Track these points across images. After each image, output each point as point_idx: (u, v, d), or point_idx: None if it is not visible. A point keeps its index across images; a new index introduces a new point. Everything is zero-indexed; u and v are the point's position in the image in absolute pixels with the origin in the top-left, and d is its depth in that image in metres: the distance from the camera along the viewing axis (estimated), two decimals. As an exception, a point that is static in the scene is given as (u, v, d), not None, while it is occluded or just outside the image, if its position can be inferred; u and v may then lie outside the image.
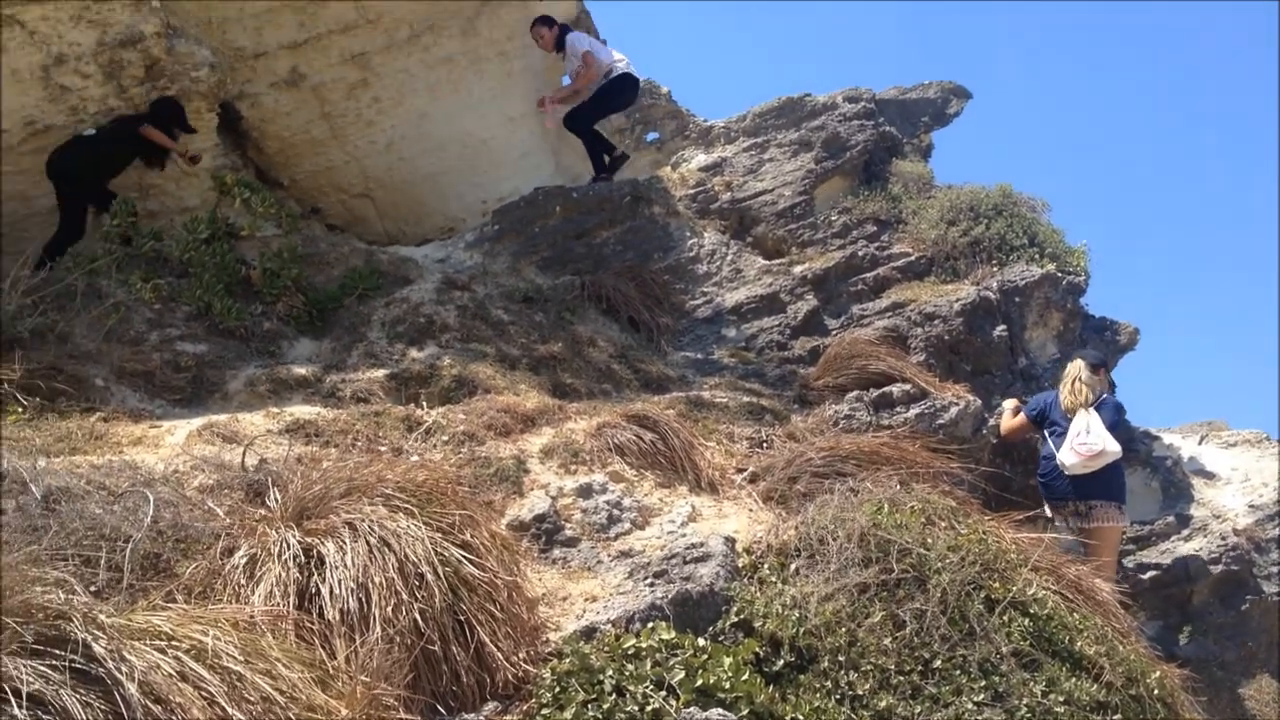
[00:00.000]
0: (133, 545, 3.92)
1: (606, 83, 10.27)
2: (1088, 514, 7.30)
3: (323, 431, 5.84)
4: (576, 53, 10.12)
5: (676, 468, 6.07)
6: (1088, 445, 7.23)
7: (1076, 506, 7.36)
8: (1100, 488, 7.29)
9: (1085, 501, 7.30)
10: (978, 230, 9.83)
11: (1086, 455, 7.21)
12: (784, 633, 4.43)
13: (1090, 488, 7.29)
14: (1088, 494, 7.29)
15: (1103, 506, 7.27)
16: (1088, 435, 7.27)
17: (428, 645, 3.89)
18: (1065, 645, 4.81)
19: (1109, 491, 7.31)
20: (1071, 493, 7.33)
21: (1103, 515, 7.26)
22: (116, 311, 6.84)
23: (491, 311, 8.18)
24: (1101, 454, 7.21)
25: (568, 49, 10.16)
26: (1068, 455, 7.30)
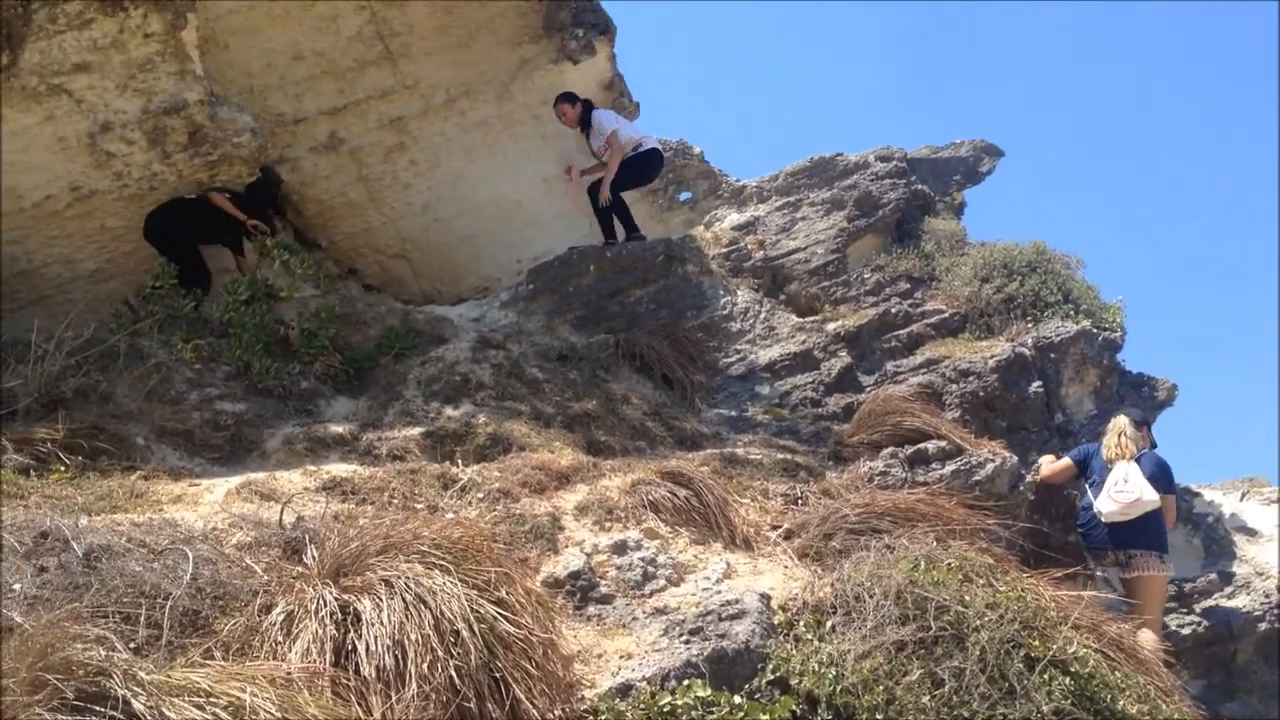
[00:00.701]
0: (172, 602, 3.95)
1: (634, 156, 10.29)
2: (1128, 563, 7.31)
3: (359, 489, 5.88)
4: (603, 131, 10.15)
5: (711, 524, 6.05)
6: (1125, 493, 7.29)
7: (1116, 556, 7.37)
8: (1139, 537, 7.31)
9: (1125, 551, 7.31)
10: (1012, 287, 9.83)
11: (1124, 504, 7.27)
12: (821, 690, 4.39)
13: (1129, 537, 7.31)
14: (1126, 543, 7.31)
15: (1143, 556, 7.27)
16: (1125, 484, 7.33)
17: (463, 702, 3.88)
18: (1107, 704, 4.72)
19: (1149, 540, 7.32)
20: (1110, 542, 7.35)
21: (1143, 564, 7.26)
22: (157, 371, 6.95)
23: (526, 370, 8.24)
24: (1138, 502, 7.26)
25: (594, 126, 10.19)
26: (1105, 503, 7.36)
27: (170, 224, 8.70)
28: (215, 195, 8.80)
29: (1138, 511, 7.32)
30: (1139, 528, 7.35)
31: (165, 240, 8.69)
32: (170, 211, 8.68)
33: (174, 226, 8.73)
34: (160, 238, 8.69)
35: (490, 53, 9.88)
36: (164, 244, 8.68)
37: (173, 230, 8.73)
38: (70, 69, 7.64)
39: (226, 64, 8.89)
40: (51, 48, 7.51)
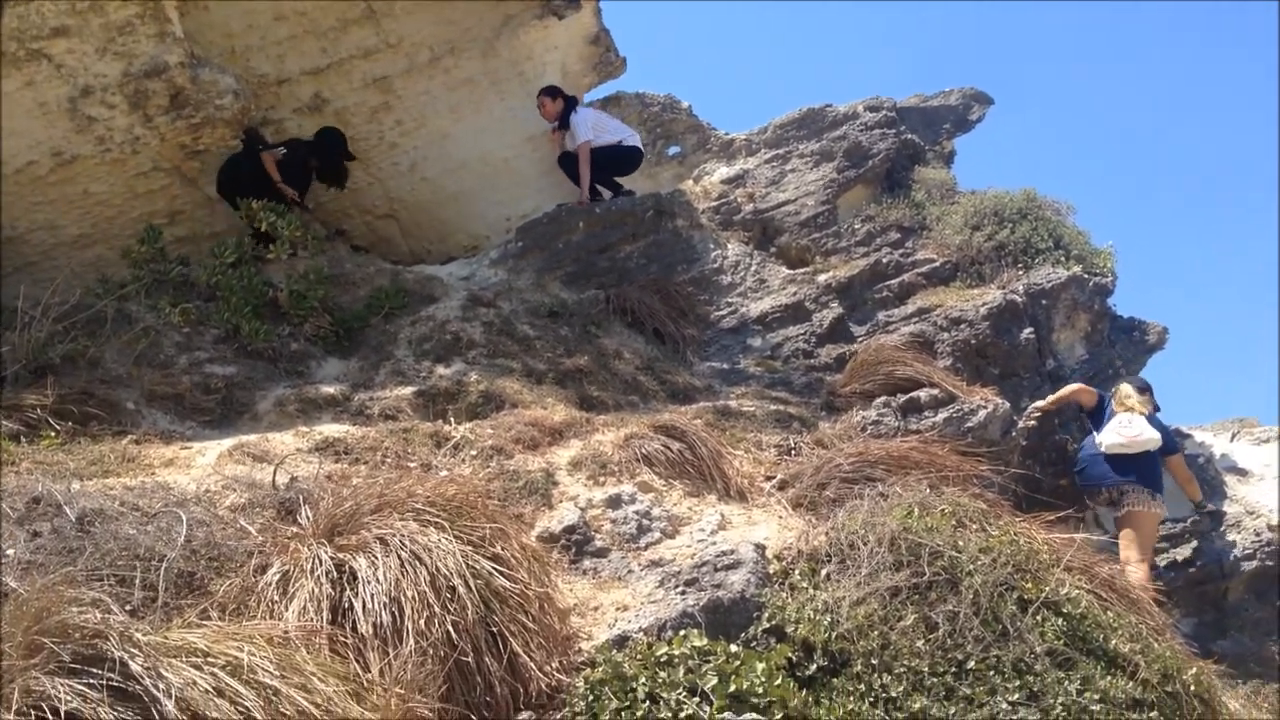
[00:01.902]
0: (167, 564, 3.96)
1: (614, 148, 10.28)
2: (1120, 499, 7.52)
3: (352, 449, 5.89)
4: (575, 139, 10.07)
5: (705, 477, 6.07)
6: (1129, 429, 7.62)
7: (1110, 494, 7.59)
8: (1136, 471, 7.56)
9: (1118, 486, 7.54)
10: (1002, 234, 9.80)
11: (1128, 437, 7.58)
12: (816, 637, 4.42)
13: (1124, 469, 7.58)
14: (1123, 473, 7.58)
15: (1135, 491, 7.50)
16: (1130, 424, 7.66)
17: (461, 657, 3.90)
18: (1100, 644, 4.77)
19: (1143, 477, 7.56)
20: (1106, 476, 7.61)
21: (1135, 499, 7.48)
22: (146, 336, 6.93)
23: (517, 327, 8.22)
24: (1140, 438, 7.57)
25: (572, 128, 10.10)
26: (1109, 436, 7.67)
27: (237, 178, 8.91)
28: (265, 154, 9.06)
29: (1138, 448, 7.57)
30: (1137, 463, 7.59)
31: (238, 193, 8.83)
32: (232, 167, 8.91)
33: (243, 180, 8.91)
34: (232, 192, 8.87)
35: (474, 9, 9.77)
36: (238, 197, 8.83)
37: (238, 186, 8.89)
38: (49, 33, 7.56)
39: (207, 25, 8.78)
40: (30, 12, 7.42)
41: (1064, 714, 4.31)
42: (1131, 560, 7.37)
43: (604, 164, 10.27)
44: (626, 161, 10.46)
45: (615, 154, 10.30)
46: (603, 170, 10.31)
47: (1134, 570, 7.25)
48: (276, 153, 9.19)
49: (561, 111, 10.11)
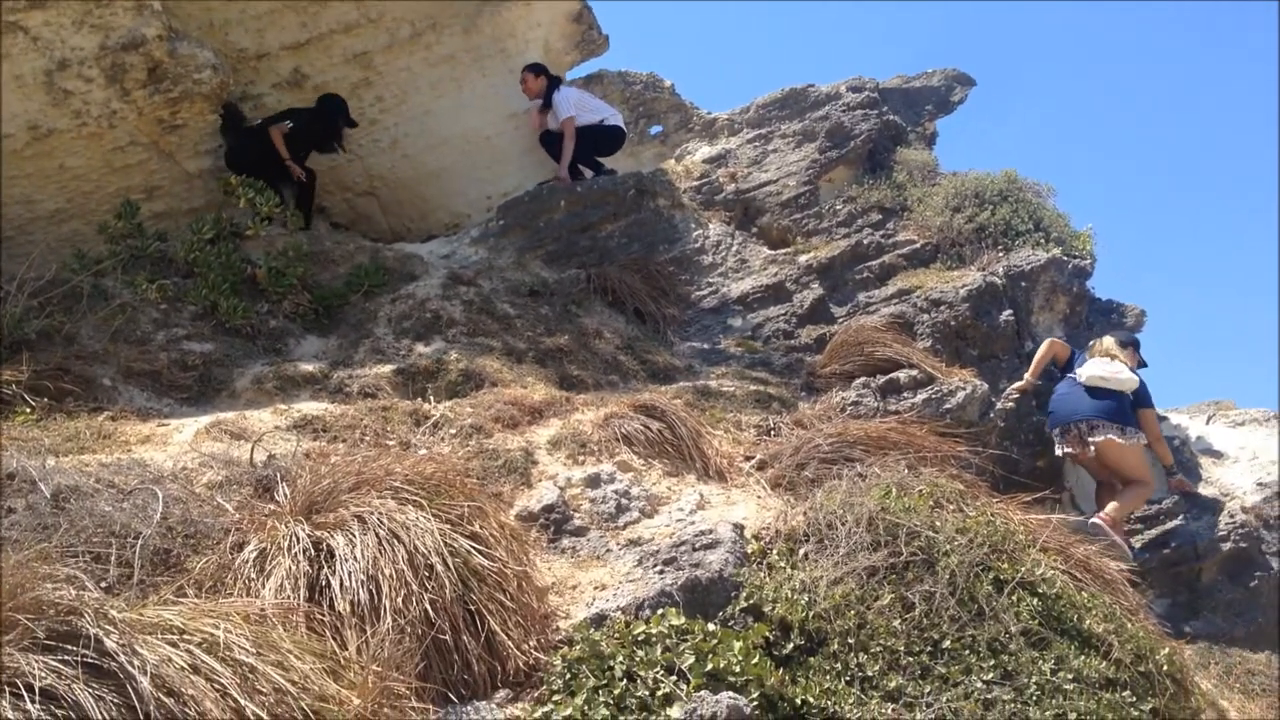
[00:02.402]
0: (142, 541, 3.94)
1: (595, 128, 10.24)
2: (1091, 433, 7.61)
3: (330, 427, 5.87)
4: (558, 117, 10.05)
5: (684, 456, 6.08)
6: (1110, 366, 7.74)
7: (1078, 430, 7.65)
8: (1106, 406, 7.66)
9: (1087, 421, 7.62)
10: (983, 216, 9.81)
11: (1107, 372, 7.70)
12: (793, 616, 4.44)
13: (1095, 407, 7.66)
14: (1091, 413, 7.64)
15: (1104, 424, 7.58)
16: (1111, 363, 7.79)
17: (438, 635, 3.90)
18: (1074, 623, 4.81)
19: (1113, 414, 7.64)
20: (1076, 411, 7.69)
21: (1104, 432, 7.57)
22: (122, 312, 6.88)
23: (497, 306, 8.20)
24: (1120, 375, 7.69)
25: (554, 107, 10.07)
26: (1088, 368, 7.77)
27: (242, 155, 9.08)
28: (273, 129, 9.11)
29: (1115, 385, 7.69)
30: (1107, 401, 7.67)
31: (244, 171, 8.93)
32: (237, 143, 9.05)
33: (244, 158, 9.07)
34: (235, 171, 8.93)
35: (455, -16, 9.71)
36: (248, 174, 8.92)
37: (245, 163, 9.02)
38: (25, 5, 7.47)
39: (185, -2, 8.70)
40: (5, -17, 7.34)
41: (1038, 693, 4.34)
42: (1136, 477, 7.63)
43: (586, 143, 10.24)
44: (609, 141, 10.43)
45: (598, 133, 10.27)
46: (585, 149, 10.28)
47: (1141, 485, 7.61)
48: (284, 126, 9.17)
49: (544, 89, 10.07)
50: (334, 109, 9.51)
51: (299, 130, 9.27)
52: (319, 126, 9.48)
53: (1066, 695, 4.37)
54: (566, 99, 10.06)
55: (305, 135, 9.37)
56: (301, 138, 9.34)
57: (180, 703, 3.02)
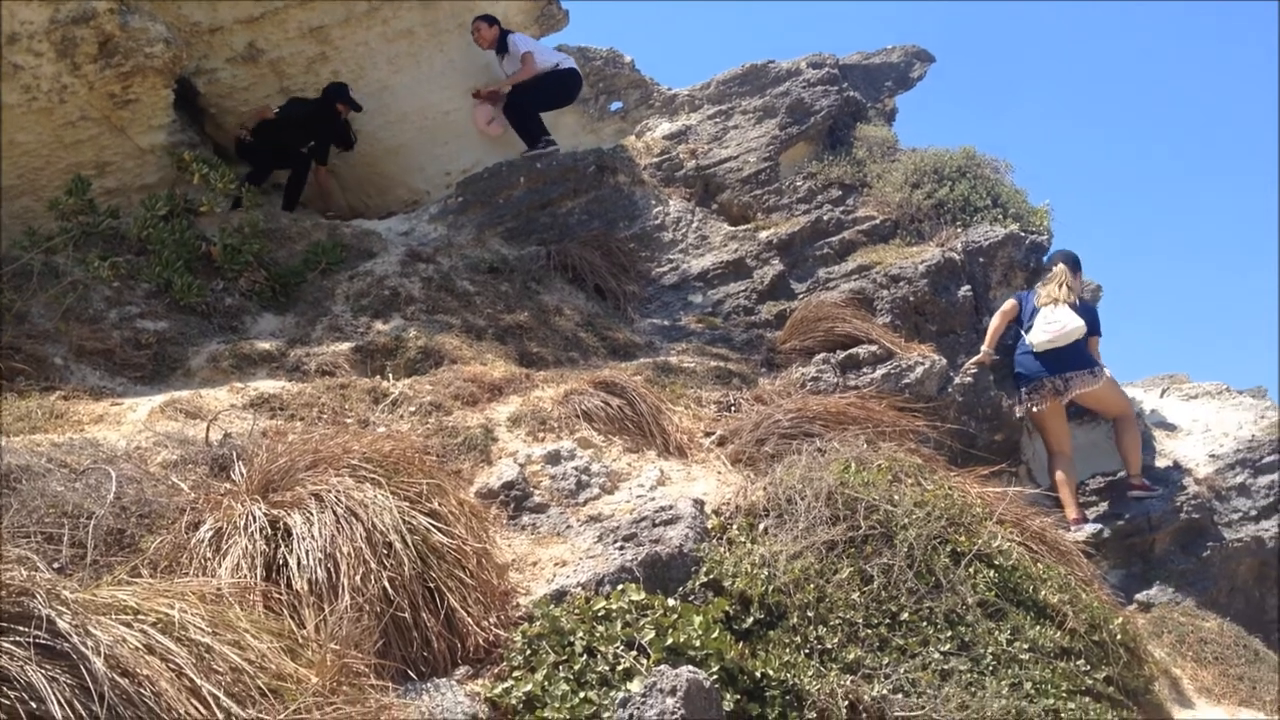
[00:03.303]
0: (95, 521, 3.89)
1: (551, 74, 10.16)
2: (1065, 387, 7.93)
3: (287, 405, 5.82)
4: (518, 53, 10.01)
5: (644, 433, 6.08)
6: (1054, 324, 7.93)
7: (1054, 384, 7.93)
8: (1070, 361, 7.94)
9: (1061, 376, 7.92)
10: (942, 192, 9.85)
11: (1053, 333, 7.91)
12: (753, 591, 4.46)
13: (1060, 363, 7.94)
14: (1059, 369, 7.93)
15: (1077, 375, 7.91)
16: (1054, 315, 7.98)
17: (397, 613, 3.89)
18: (1030, 595, 4.88)
19: (1079, 362, 7.95)
20: (1044, 370, 7.96)
21: (1079, 382, 7.91)
22: (74, 290, 6.78)
23: (457, 283, 8.15)
24: (1065, 330, 7.89)
25: (509, 50, 10.03)
26: (1036, 334, 7.99)
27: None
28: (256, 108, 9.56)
29: (1065, 340, 7.90)
30: (1068, 354, 7.94)
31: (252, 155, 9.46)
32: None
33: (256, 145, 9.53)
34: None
35: (412, -43, 9.60)
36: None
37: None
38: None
39: (136, -30, 8.54)
40: (-50, -45, 7.17)
41: (994, 663, 4.40)
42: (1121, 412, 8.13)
43: (545, 92, 10.19)
44: (566, 87, 10.39)
45: (555, 80, 10.22)
46: (544, 98, 10.24)
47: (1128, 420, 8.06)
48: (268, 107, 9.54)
49: (497, 39, 10.00)
50: (333, 94, 9.64)
51: (295, 117, 9.51)
52: (322, 115, 9.67)
53: (1022, 665, 4.43)
54: (522, 39, 10.09)
55: (305, 124, 9.63)
56: (299, 125, 9.58)
57: (135, 683, 2.99)
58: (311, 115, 9.63)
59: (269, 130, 9.50)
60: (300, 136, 9.69)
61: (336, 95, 9.61)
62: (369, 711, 3.27)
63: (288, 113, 9.52)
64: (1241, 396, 9.40)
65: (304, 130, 9.67)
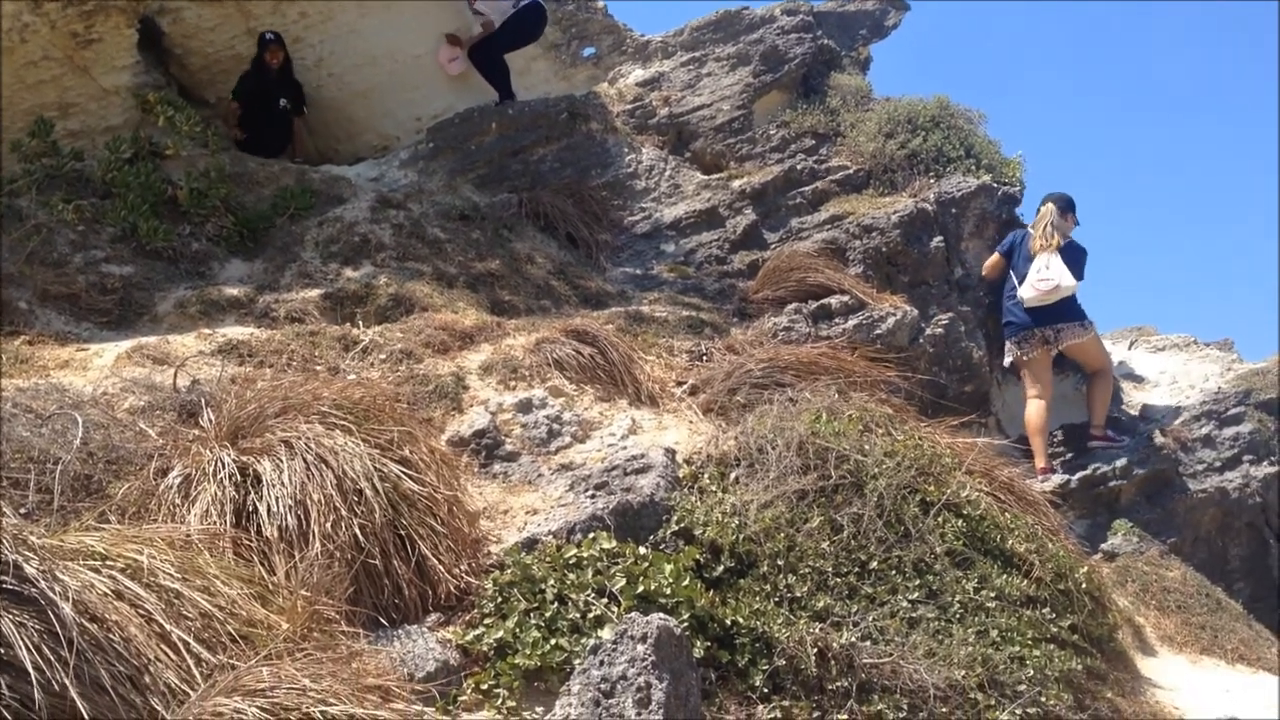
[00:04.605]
0: (62, 467, 3.86)
1: (516, 12, 9.93)
2: (1056, 338, 8.09)
3: (256, 352, 5.77)
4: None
5: (616, 381, 6.08)
6: (1045, 281, 8.02)
7: (1044, 334, 8.09)
8: (1060, 314, 8.08)
9: (1051, 327, 8.07)
10: (915, 143, 9.82)
11: (1043, 291, 8.01)
12: (724, 539, 4.48)
13: (1050, 315, 8.08)
14: (1049, 320, 8.08)
15: (1067, 327, 8.07)
16: (1047, 271, 8.04)
17: (368, 560, 3.90)
18: (997, 544, 4.93)
19: (1069, 314, 8.10)
20: (1034, 321, 8.11)
21: (1070, 334, 8.07)
22: (38, 233, 6.67)
23: (428, 230, 8.08)
24: (1056, 289, 7.99)
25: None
26: (1026, 290, 8.10)
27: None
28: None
29: (1056, 297, 8.02)
30: (1058, 308, 8.06)
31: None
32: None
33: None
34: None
35: (384, -105, 9.42)
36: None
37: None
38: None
39: (97, -94, 8.33)
40: (-98, -114, 6.97)
41: (961, 611, 4.45)
42: (1101, 367, 8.26)
43: (507, 34, 10.01)
44: (527, 24, 10.15)
45: (514, 21, 10.00)
46: (507, 40, 10.06)
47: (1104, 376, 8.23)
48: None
49: None
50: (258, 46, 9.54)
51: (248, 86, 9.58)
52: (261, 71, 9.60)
53: (989, 613, 4.49)
54: None
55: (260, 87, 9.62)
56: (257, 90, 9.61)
57: (104, 628, 2.98)
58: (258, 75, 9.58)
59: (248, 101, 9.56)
60: (265, 100, 9.61)
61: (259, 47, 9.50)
62: (340, 657, 3.28)
63: (242, 85, 9.56)
64: (1208, 349, 9.50)
65: (263, 93, 9.61)
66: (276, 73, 9.54)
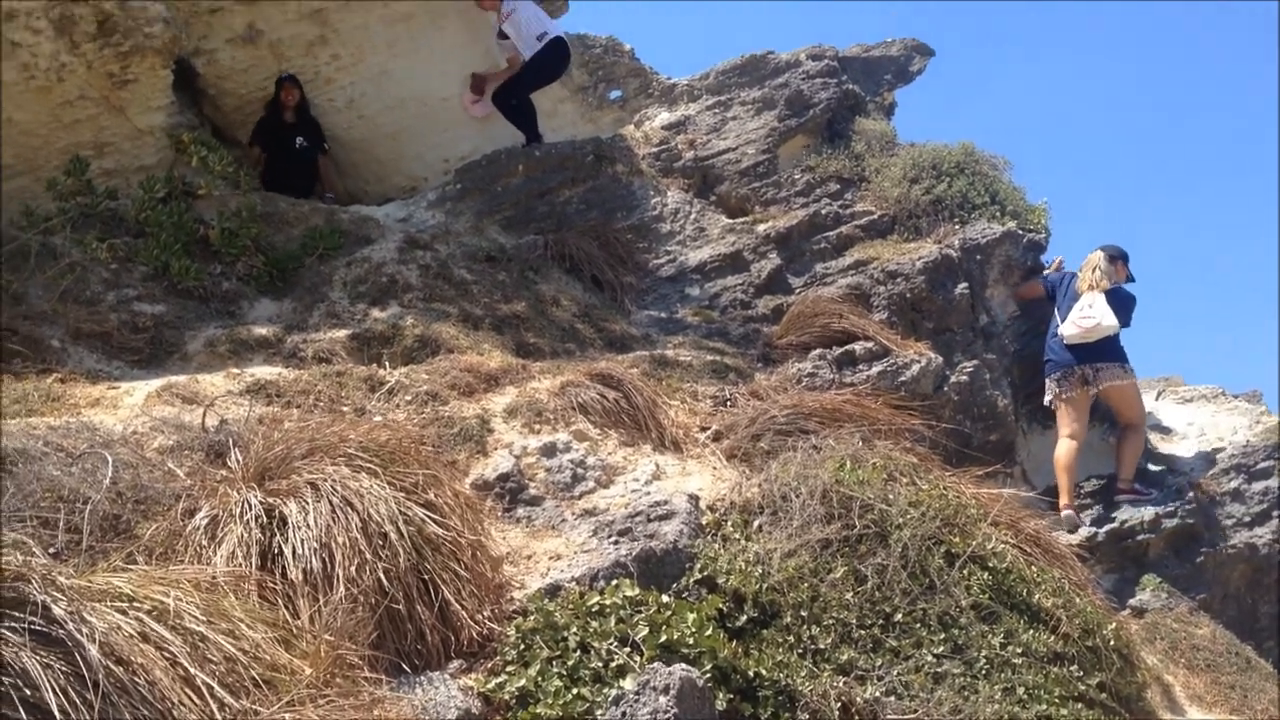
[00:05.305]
0: (91, 507, 3.89)
1: (541, 48, 9.93)
2: (1095, 377, 8.02)
3: (284, 392, 5.80)
4: (522, 34, 9.81)
5: (640, 426, 6.08)
6: (1088, 318, 8.02)
7: (1083, 373, 8.04)
8: (1100, 352, 8.05)
9: (1090, 365, 8.02)
10: (940, 188, 9.84)
11: (1085, 328, 8.01)
12: (747, 588, 4.47)
13: (1090, 353, 8.05)
14: (1090, 358, 8.04)
15: (1107, 367, 8.01)
16: (1090, 310, 8.06)
17: (392, 604, 3.90)
18: (1023, 598, 4.89)
19: (1110, 355, 8.07)
20: (1075, 359, 8.07)
21: (1109, 374, 8.00)
22: (72, 271, 6.74)
23: (454, 271, 8.13)
24: (1097, 327, 7.99)
25: (519, 26, 9.81)
26: (1068, 327, 8.10)
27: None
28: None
29: (1097, 336, 8.00)
30: (1100, 347, 8.04)
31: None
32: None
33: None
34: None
35: (414, -59, 9.56)
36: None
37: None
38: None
39: (137, -51, 8.48)
40: (-50, -68, 7.11)
41: (987, 667, 4.41)
42: (1134, 421, 8.14)
43: (531, 74, 10.06)
44: (551, 64, 10.14)
45: (536, 62, 9.99)
46: (531, 81, 10.12)
47: (1136, 431, 8.11)
48: None
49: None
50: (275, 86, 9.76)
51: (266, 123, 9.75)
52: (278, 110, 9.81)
53: (1015, 669, 4.45)
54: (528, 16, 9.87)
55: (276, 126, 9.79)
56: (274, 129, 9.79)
57: (129, 671, 2.99)
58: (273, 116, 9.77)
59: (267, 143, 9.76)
60: (284, 140, 9.78)
61: (276, 87, 9.64)
62: (362, 704, 3.28)
63: (260, 129, 9.76)
64: (1237, 401, 9.43)
65: (281, 134, 9.78)
66: (293, 112, 9.67)
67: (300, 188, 9.65)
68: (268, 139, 9.73)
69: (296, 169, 9.78)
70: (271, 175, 9.60)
